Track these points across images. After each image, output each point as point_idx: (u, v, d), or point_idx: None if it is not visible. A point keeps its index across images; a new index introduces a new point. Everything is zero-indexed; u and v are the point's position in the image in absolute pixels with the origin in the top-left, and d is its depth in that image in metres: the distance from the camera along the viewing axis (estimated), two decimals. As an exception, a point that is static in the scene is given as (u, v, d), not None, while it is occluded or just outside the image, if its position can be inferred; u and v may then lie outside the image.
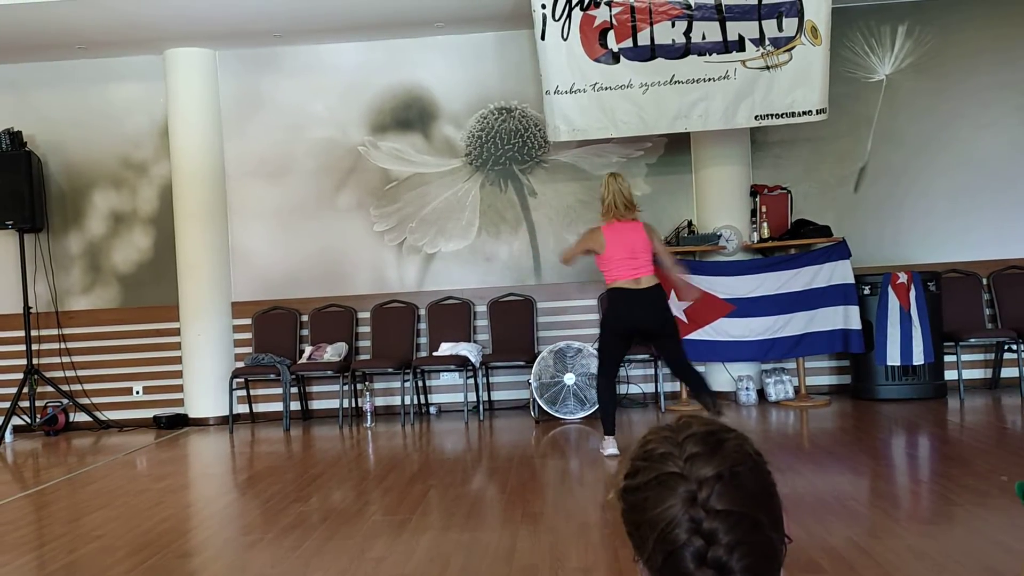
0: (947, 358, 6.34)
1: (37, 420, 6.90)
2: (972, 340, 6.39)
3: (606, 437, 5.01)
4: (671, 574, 0.90)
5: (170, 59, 7.00)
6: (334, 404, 6.83)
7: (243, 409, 7.04)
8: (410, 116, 7.10)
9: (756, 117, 6.06)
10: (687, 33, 5.97)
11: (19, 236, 6.96)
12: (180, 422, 6.96)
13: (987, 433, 5.10)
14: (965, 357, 6.47)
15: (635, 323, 4.94)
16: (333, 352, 6.74)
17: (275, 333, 7.01)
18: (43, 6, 5.98)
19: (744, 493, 0.91)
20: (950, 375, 6.35)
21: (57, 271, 7.17)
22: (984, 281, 6.73)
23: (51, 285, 7.16)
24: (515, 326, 6.88)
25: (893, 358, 6.14)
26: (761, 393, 6.63)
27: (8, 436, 6.64)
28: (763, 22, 5.93)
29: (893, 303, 6.14)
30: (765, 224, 6.49)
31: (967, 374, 6.50)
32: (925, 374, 6.18)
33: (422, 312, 7.01)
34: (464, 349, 6.54)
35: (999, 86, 6.82)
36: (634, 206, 5.03)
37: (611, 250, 4.94)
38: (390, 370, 6.67)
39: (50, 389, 6.97)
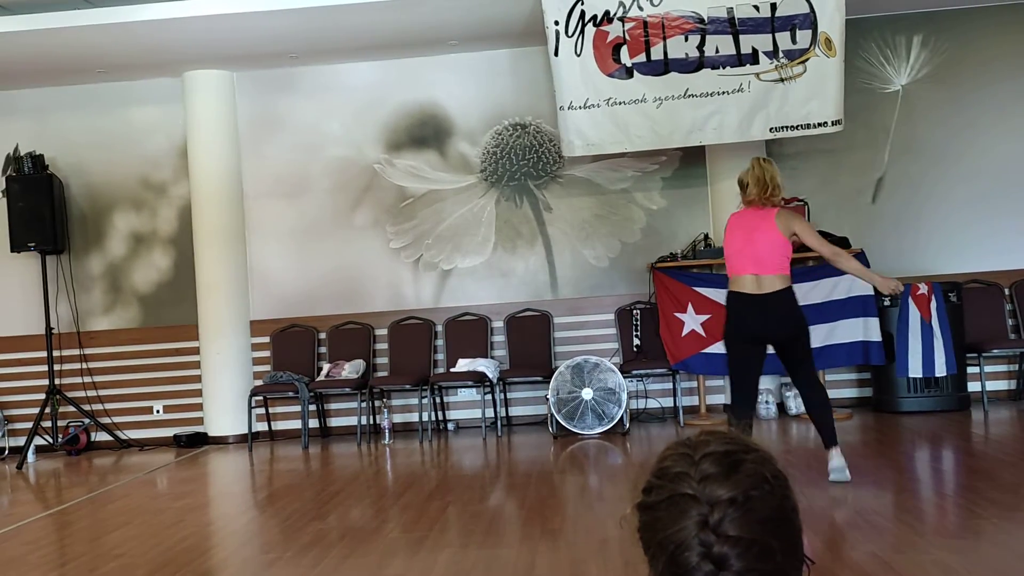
0: (970, 369, 6.26)
1: (59, 440, 6.95)
2: (995, 351, 6.31)
3: None
4: None
5: (188, 81, 7.09)
6: (352, 421, 6.84)
7: (262, 427, 7.07)
8: (425, 133, 7.14)
9: (771, 129, 6.05)
10: (700, 47, 5.97)
11: (41, 258, 7.04)
12: (200, 440, 7.00)
13: (1012, 445, 5.03)
14: (988, 368, 6.39)
15: (755, 332, 4.14)
16: (351, 369, 6.76)
17: (293, 351, 7.04)
18: (64, 32, 6.08)
19: (758, 519, 0.89)
20: (973, 387, 6.26)
21: (78, 292, 7.25)
22: (1006, 291, 6.65)
23: (73, 306, 7.23)
24: (532, 341, 6.87)
25: (915, 370, 6.06)
26: (781, 407, 6.57)
27: (31, 456, 6.69)
28: (777, 34, 5.93)
29: (914, 314, 6.07)
30: (782, 236, 6.45)
31: (991, 385, 6.41)
32: (948, 386, 6.10)
33: (439, 328, 7.02)
34: (481, 365, 6.54)
35: (1017, 94, 6.77)
36: (774, 190, 4.17)
37: (728, 240, 4.23)
38: (408, 387, 6.68)
39: (72, 409, 7.03)
